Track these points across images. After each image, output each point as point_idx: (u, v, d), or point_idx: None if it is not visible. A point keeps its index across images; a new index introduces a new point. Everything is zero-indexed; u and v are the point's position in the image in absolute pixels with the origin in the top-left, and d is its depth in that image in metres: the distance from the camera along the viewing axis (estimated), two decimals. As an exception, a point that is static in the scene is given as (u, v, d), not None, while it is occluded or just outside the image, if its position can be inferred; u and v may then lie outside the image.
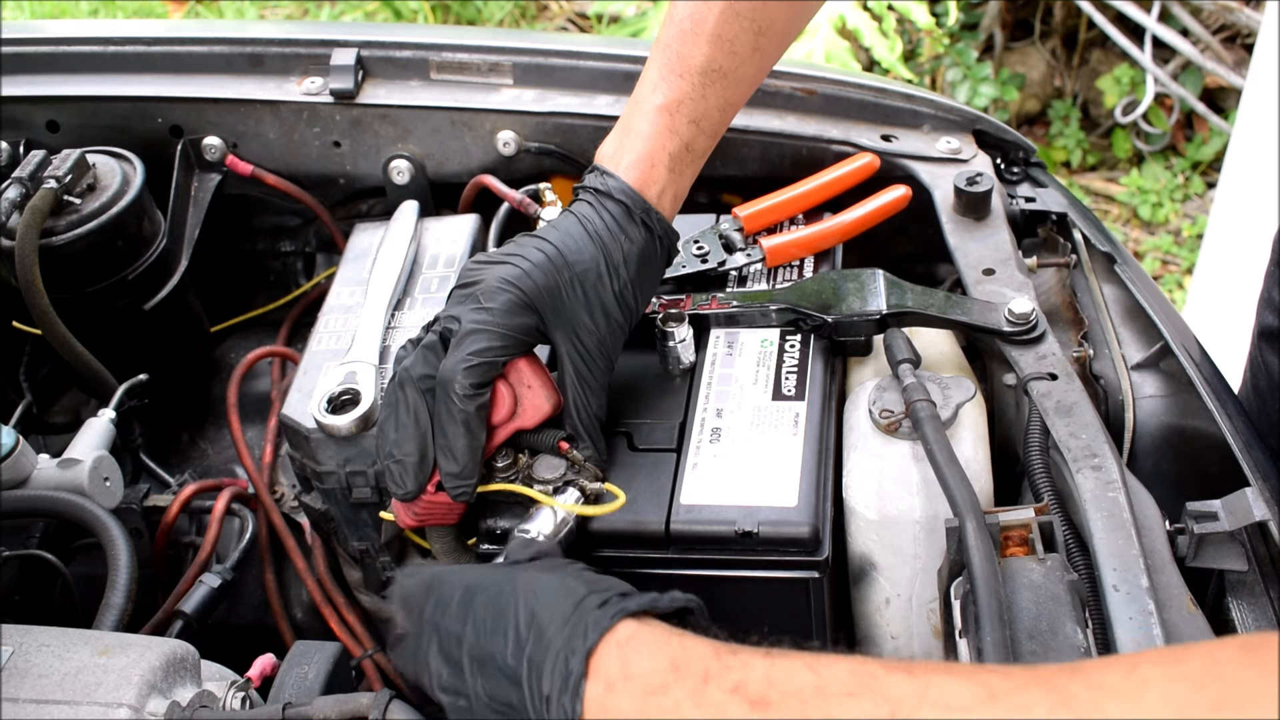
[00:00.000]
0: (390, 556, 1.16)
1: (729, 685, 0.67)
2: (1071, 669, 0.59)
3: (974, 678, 0.61)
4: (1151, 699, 0.55)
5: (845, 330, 1.10)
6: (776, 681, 0.66)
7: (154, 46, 1.46)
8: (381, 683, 1.17)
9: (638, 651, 0.71)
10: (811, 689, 0.64)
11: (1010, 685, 0.60)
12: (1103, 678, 0.57)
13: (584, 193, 1.03)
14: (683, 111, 1.04)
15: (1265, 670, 0.53)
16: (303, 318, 1.50)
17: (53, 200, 1.24)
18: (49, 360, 1.41)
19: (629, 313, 1.01)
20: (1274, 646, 0.55)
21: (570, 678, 0.71)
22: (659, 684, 0.69)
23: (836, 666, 0.65)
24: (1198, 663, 0.56)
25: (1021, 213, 1.29)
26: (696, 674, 0.68)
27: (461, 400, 0.93)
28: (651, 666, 0.70)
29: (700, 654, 0.70)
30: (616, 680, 0.70)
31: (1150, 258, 3.37)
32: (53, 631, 0.88)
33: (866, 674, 0.64)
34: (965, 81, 3.51)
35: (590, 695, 0.70)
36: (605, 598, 0.75)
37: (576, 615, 0.74)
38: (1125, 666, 0.58)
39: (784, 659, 0.68)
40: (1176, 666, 0.56)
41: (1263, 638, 0.58)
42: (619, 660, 0.71)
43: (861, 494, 1.01)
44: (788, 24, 1.10)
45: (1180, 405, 1.11)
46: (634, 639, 0.72)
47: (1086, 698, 0.57)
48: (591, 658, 0.71)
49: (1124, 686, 0.56)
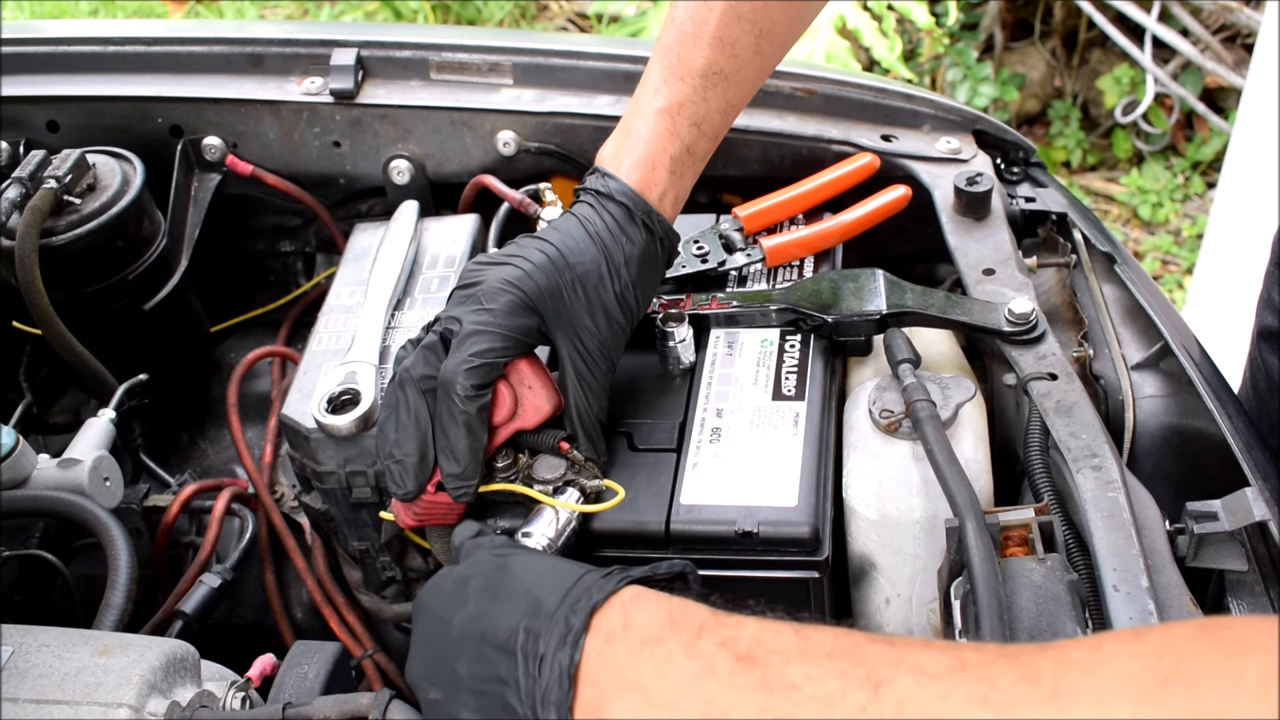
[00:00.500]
0: (390, 556, 1.16)
1: (719, 639, 0.70)
2: (1042, 646, 0.63)
3: (948, 649, 0.65)
4: (1110, 671, 0.58)
5: (845, 330, 1.11)
6: (765, 640, 0.69)
7: (154, 46, 1.46)
8: (381, 683, 1.17)
9: (640, 605, 0.74)
10: (796, 649, 0.68)
11: (981, 658, 0.63)
12: (1068, 653, 0.60)
13: (585, 194, 1.03)
14: (684, 114, 1.04)
15: (1218, 646, 0.56)
16: (303, 318, 1.50)
17: (53, 200, 1.24)
18: (49, 360, 1.41)
19: (630, 314, 1.02)
20: (1230, 626, 0.59)
21: (570, 632, 0.73)
22: (655, 635, 0.71)
23: (822, 633, 0.69)
24: (1156, 639, 0.59)
25: (1021, 213, 1.29)
26: (691, 627, 0.71)
27: (463, 401, 0.93)
28: (650, 619, 0.73)
29: (697, 611, 0.73)
30: (616, 631, 0.73)
31: (1150, 258, 3.37)
32: (53, 631, 0.88)
33: (849, 641, 0.67)
34: (965, 81, 3.51)
35: (589, 646, 0.72)
36: (608, 571, 0.78)
37: (578, 587, 0.76)
38: (1091, 643, 0.61)
39: (775, 623, 0.71)
40: (1138, 643, 0.59)
41: (1221, 619, 0.62)
42: (621, 614, 0.73)
43: (861, 494, 1.01)
44: (789, 26, 1.10)
45: (1180, 405, 1.11)
46: (638, 596, 0.75)
47: (1051, 670, 0.60)
48: (595, 614, 0.73)
49: (1087, 660, 0.59)
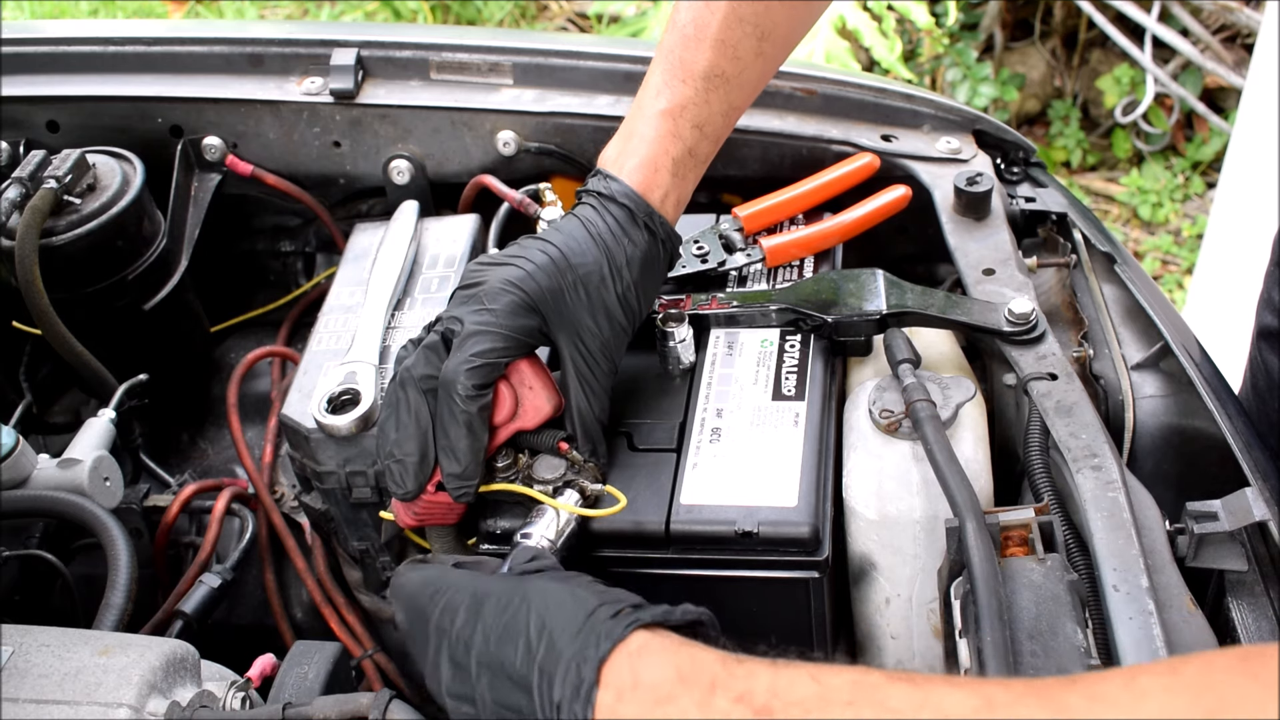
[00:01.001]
0: (390, 556, 1.16)
1: (734, 694, 0.68)
2: (1070, 680, 0.60)
3: (973, 688, 0.62)
4: (1148, 708, 0.55)
5: (845, 330, 1.10)
6: (780, 691, 0.67)
7: (154, 46, 1.46)
8: (381, 683, 1.17)
9: (647, 661, 0.72)
10: (814, 698, 0.66)
11: (1009, 696, 0.60)
12: (1101, 689, 0.58)
13: (587, 196, 1.03)
14: (686, 116, 1.04)
15: (1261, 679, 0.54)
16: (303, 318, 1.50)
17: (53, 200, 1.24)
18: (49, 360, 1.41)
19: (632, 316, 1.01)
20: (1272, 656, 0.56)
21: (582, 685, 0.72)
22: (667, 694, 0.70)
23: (840, 677, 0.66)
24: (1195, 673, 0.57)
25: (1021, 213, 1.29)
26: (704, 683, 0.69)
27: (464, 401, 0.93)
28: (660, 676, 0.71)
29: (708, 664, 0.71)
30: (626, 689, 0.71)
31: (1150, 258, 3.37)
32: (53, 631, 0.88)
33: (868, 684, 0.65)
34: (965, 81, 3.51)
35: (601, 702, 0.71)
36: (618, 608, 0.76)
37: (589, 625, 0.74)
38: (1124, 678, 0.58)
39: (789, 669, 0.69)
40: (1174, 677, 0.57)
41: (1261, 649, 0.59)
42: (630, 669, 0.72)
43: (861, 494, 1.01)
44: (790, 29, 1.10)
45: (1180, 405, 1.11)
46: (645, 649, 0.73)
47: (1084, 708, 0.57)
48: (604, 666, 0.72)
49: (1121, 697, 0.57)
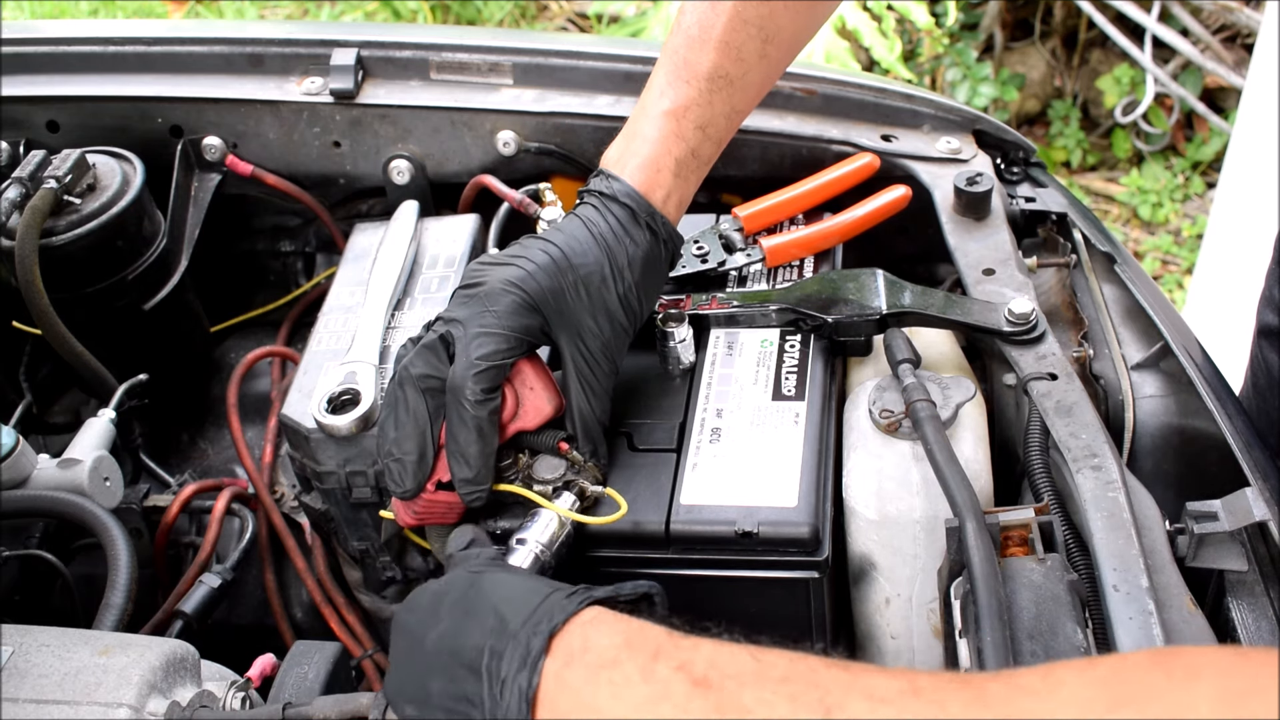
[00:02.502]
0: (390, 556, 1.16)
1: (675, 663, 0.70)
2: (996, 673, 0.64)
3: (902, 675, 0.65)
4: (1061, 697, 0.58)
5: (845, 330, 1.10)
6: (720, 664, 0.69)
7: (154, 46, 1.46)
8: (381, 683, 1.17)
9: (599, 629, 0.75)
10: (750, 673, 0.68)
11: (934, 683, 0.63)
12: (1020, 680, 0.61)
13: (589, 196, 1.03)
14: (689, 117, 1.04)
15: (1170, 673, 0.56)
16: (303, 318, 1.50)
17: (53, 200, 1.24)
18: (49, 360, 1.41)
19: (633, 316, 1.01)
20: (1181, 654, 0.59)
21: (530, 655, 0.73)
22: (611, 659, 0.72)
23: (777, 656, 0.69)
24: (1108, 667, 0.59)
25: (1021, 213, 1.29)
26: (648, 651, 0.72)
27: (473, 406, 0.93)
28: (608, 642, 0.73)
29: (654, 634, 0.73)
30: (576, 654, 0.73)
31: (1150, 258, 3.37)
32: (53, 631, 0.88)
33: (804, 665, 0.68)
34: (965, 81, 3.51)
35: (548, 670, 0.73)
36: (572, 590, 0.78)
37: (543, 606, 0.76)
38: (1043, 670, 0.61)
39: (731, 646, 0.71)
40: (1090, 670, 0.59)
41: (1175, 649, 0.63)
42: (580, 636, 0.74)
43: (861, 494, 1.01)
44: (795, 32, 1.10)
45: (1180, 405, 1.11)
46: (598, 619, 0.76)
47: (1002, 695, 0.60)
48: (555, 637, 0.74)
49: (1038, 686, 0.60)
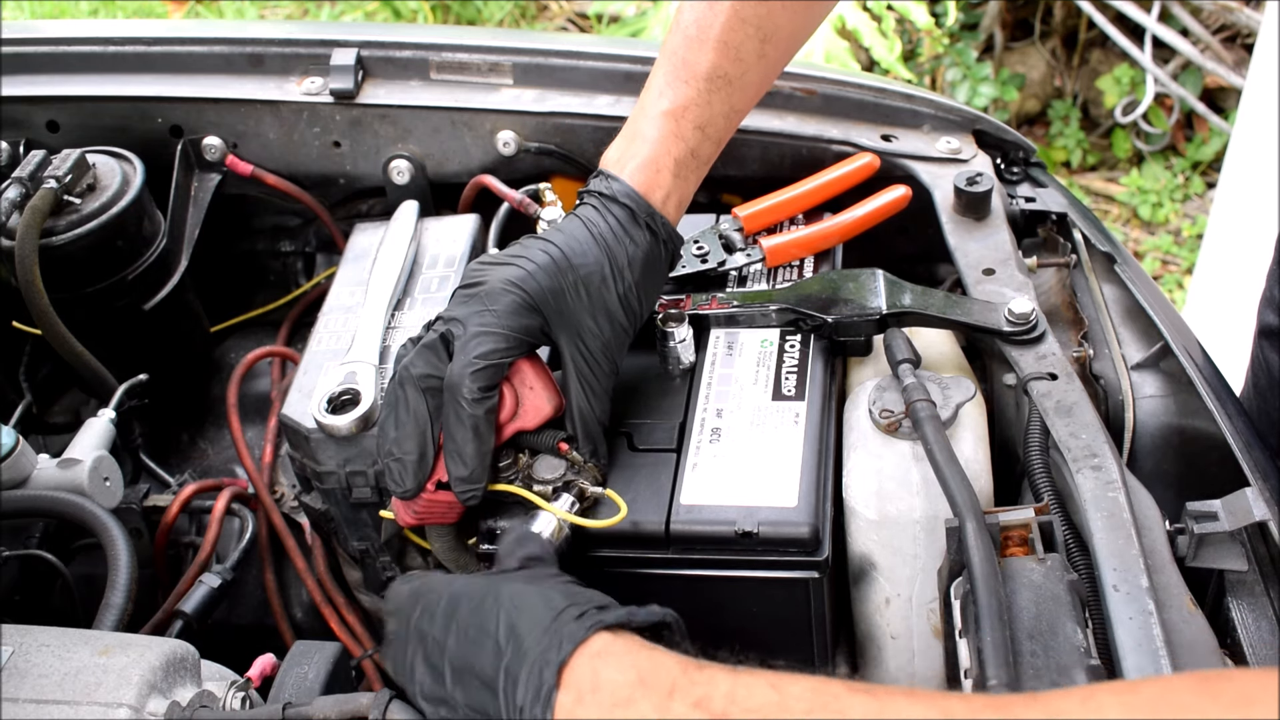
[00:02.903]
0: (390, 556, 1.16)
1: (693, 699, 0.69)
2: (1031, 697, 0.61)
3: (933, 702, 0.63)
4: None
5: (845, 330, 1.10)
6: (739, 698, 0.68)
7: (154, 46, 1.46)
8: (381, 683, 1.17)
9: (608, 663, 0.73)
10: (772, 705, 0.66)
11: (967, 709, 0.61)
12: (1059, 704, 0.59)
13: (589, 196, 1.03)
14: (688, 117, 1.04)
15: (1218, 700, 0.55)
16: (303, 318, 1.50)
17: (53, 200, 1.24)
18: (49, 360, 1.41)
19: (633, 316, 1.01)
20: (1230, 678, 0.58)
21: (543, 688, 0.72)
22: (626, 697, 0.70)
23: (798, 685, 0.67)
24: (1153, 691, 0.58)
25: (1021, 213, 1.29)
26: (663, 688, 0.70)
27: (470, 404, 0.93)
28: (620, 679, 0.71)
29: (668, 668, 0.72)
30: (586, 692, 0.72)
31: (1150, 258, 3.37)
32: (53, 631, 0.88)
33: (828, 694, 0.66)
34: (965, 81, 3.51)
35: (561, 704, 0.72)
36: (583, 610, 0.76)
37: (554, 627, 0.75)
38: (1082, 695, 0.60)
39: (748, 676, 0.69)
40: (1132, 695, 0.58)
41: (1222, 672, 0.60)
42: (590, 672, 0.73)
43: (861, 494, 1.01)
44: (793, 32, 1.10)
45: (1180, 405, 1.11)
46: (606, 651, 0.74)
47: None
48: (564, 669, 0.73)
49: (1078, 713, 0.58)
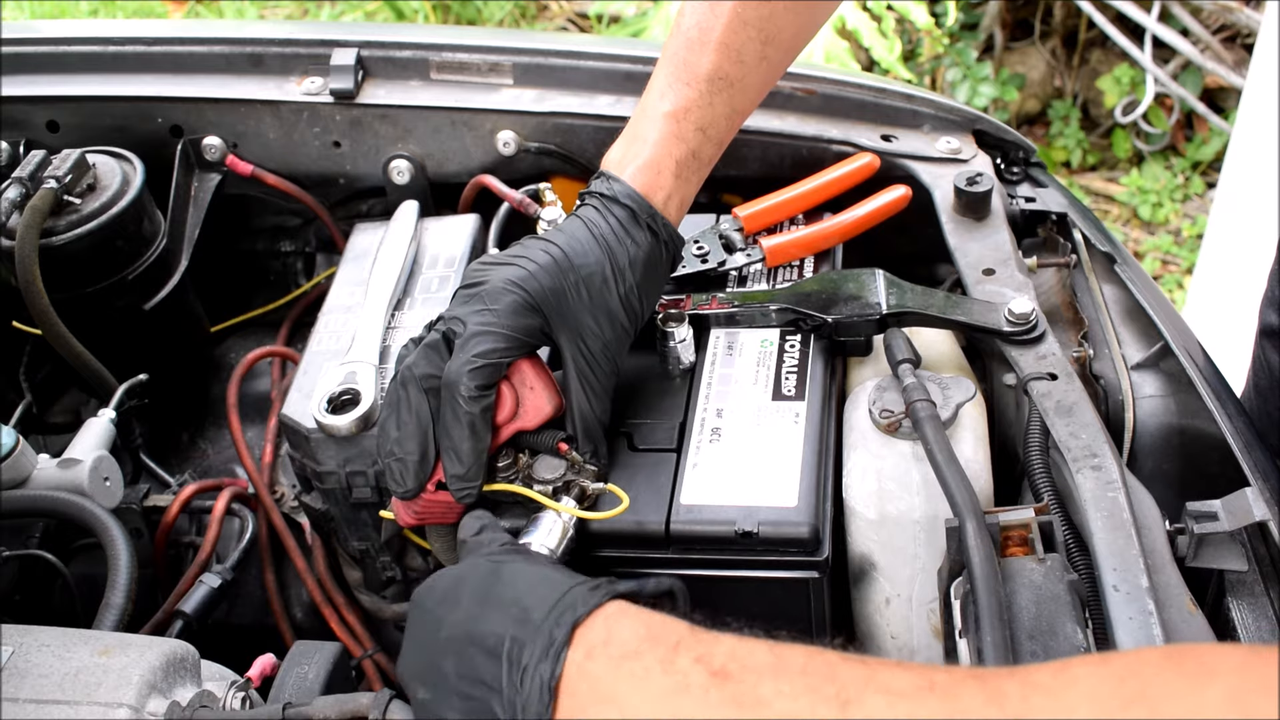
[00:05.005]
0: (390, 556, 1.16)
1: (695, 655, 0.71)
2: (1011, 670, 0.64)
3: (919, 671, 0.65)
4: (1075, 694, 0.59)
5: (845, 330, 1.10)
6: (739, 656, 0.70)
7: (154, 46, 1.46)
8: (381, 683, 1.17)
9: (621, 622, 0.75)
10: (769, 666, 0.69)
11: (950, 680, 0.64)
12: (1035, 676, 0.61)
13: (590, 197, 1.03)
14: (690, 119, 1.04)
15: (1182, 670, 0.57)
16: (303, 318, 1.49)
17: (53, 200, 1.24)
18: (49, 360, 1.41)
19: (634, 317, 1.01)
20: (1196, 652, 0.59)
21: (553, 645, 0.74)
22: (633, 650, 0.73)
23: (796, 650, 0.70)
24: (1122, 664, 0.60)
25: (1021, 213, 1.29)
26: (669, 643, 0.72)
27: (467, 402, 0.93)
28: (630, 635, 0.74)
29: (676, 628, 0.74)
30: (597, 646, 0.74)
31: (1150, 258, 3.37)
32: (53, 631, 0.88)
33: (822, 659, 0.69)
34: (965, 81, 3.51)
35: (570, 660, 0.74)
36: (596, 584, 0.79)
37: (566, 599, 0.77)
38: (1056, 667, 0.61)
39: (750, 640, 0.72)
40: (1103, 667, 0.60)
41: (1189, 646, 0.62)
42: (604, 629, 0.75)
43: (861, 494, 1.01)
44: (795, 34, 1.10)
45: (1180, 405, 1.11)
46: (620, 613, 0.76)
47: (1017, 693, 0.61)
48: (578, 628, 0.75)
49: (1052, 683, 0.60)
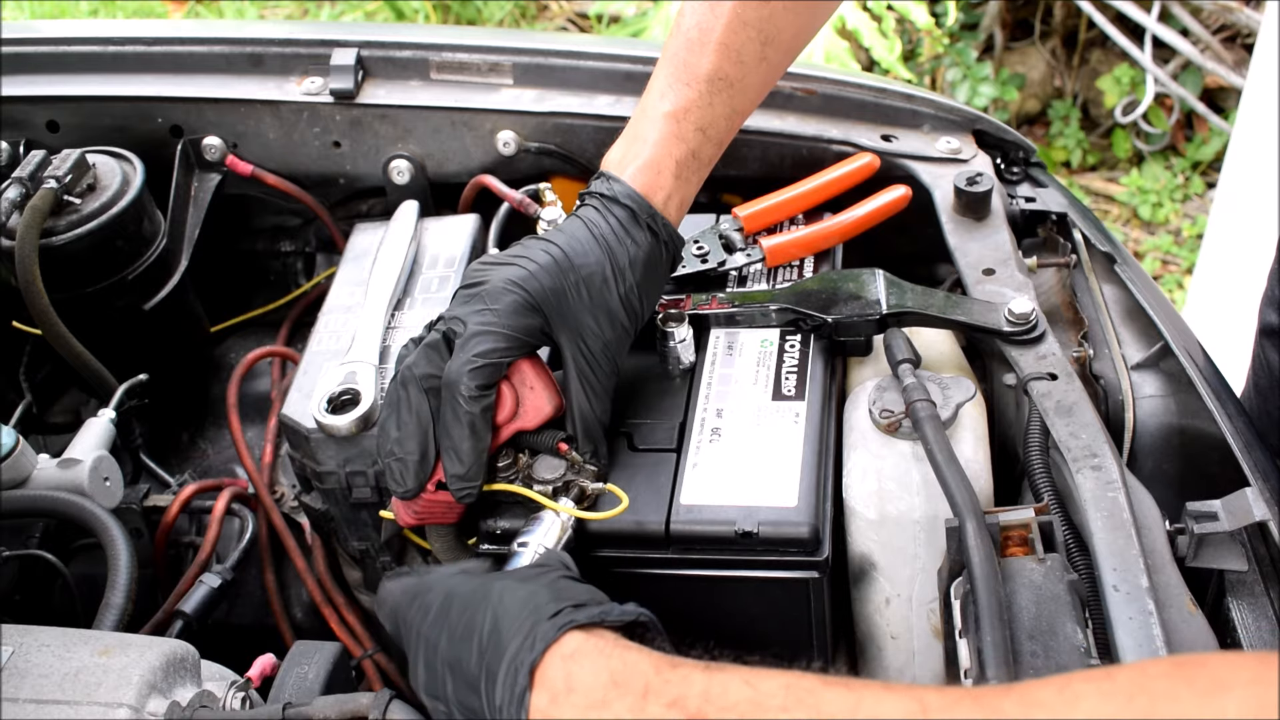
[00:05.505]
0: (390, 556, 1.16)
1: (667, 699, 0.69)
2: (1007, 688, 0.61)
3: (909, 693, 0.63)
4: (1081, 711, 0.56)
5: (845, 330, 1.10)
6: (714, 696, 0.68)
7: (154, 46, 1.46)
8: (381, 683, 1.17)
9: (581, 664, 0.73)
10: (747, 703, 0.66)
11: (943, 702, 0.61)
12: (1035, 694, 0.59)
13: (590, 198, 1.03)
14: (689, 119, 1.04)
15: (1193, 684, 0.55)
16: (303, 318, 1.49)
17: (53, 200, 1.24)
18: (49, 360, 1.41)
19: (634, 317, 1.01)
20: (1205, 664, 0.57)
21: (517, 688, 0.73)
22: (600, 699, 0.71)
23: (773, 681, 0.67)
24: (1129, 678, 0.58)
25: (1021, 213, 1.29)
26: (637, 689, 0.70)
27: (467, 402, 0.93)
28: (593, 681, 0.72)
29: (641, 668, 0.72)
30: (560, 693, 0.72)
31: (1150, 258, 3.37)
32: (53, 631, 0.88)
33: (802, 689, 0.66)
34: (965, 81, 3.51)
35: (535, 705, 0.73)
36: (559, 609, 0.77)
37: (530, 628, 0.76)
38: (1058, 684, 0.59)
39: (722, 673, 0.69)
40: (1108, 683, 0.58)
41: (1196, 657, 0.60)
42: (563, 673, 0.73)
43: (861, 494, 1.01)
44: (794, 35, 1.10)
45: (1180, 405, 1.11)
46: (578, 652, 0.74)
47: (1017, 712, 0.58)
48: (536, 670, 0.74)
49: (1055, 702, 0.58)
